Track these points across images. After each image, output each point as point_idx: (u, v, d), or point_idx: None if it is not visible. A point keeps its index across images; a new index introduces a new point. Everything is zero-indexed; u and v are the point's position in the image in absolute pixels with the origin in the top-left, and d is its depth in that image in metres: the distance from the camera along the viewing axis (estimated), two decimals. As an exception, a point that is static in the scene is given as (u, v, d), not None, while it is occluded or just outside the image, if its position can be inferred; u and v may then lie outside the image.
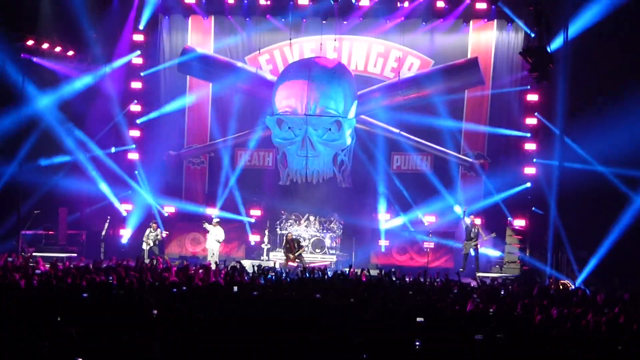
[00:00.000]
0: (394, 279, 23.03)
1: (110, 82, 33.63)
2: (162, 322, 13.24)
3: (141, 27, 34.18)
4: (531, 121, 32.20)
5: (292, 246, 30.29)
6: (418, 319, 14.55)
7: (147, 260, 28.01)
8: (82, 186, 32.49)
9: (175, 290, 18.06)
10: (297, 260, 29.89)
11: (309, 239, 32.35)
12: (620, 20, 28.35)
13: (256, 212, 33.82)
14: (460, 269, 28.10)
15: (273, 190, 34.31)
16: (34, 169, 31.31)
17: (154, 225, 31.35)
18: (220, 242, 30.92)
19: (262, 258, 32.00)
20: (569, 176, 28.83)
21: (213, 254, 30.50)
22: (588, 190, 29.62)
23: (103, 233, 32.02)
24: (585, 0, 28.19)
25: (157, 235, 31.09)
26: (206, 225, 31.02)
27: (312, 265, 29.06)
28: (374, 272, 25.30)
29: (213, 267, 24.73)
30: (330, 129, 32.80)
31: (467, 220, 30.59)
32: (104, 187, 33.03)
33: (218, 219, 31.32)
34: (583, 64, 29.12)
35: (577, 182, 29.21)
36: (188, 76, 34.98)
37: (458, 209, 31.86)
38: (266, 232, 32.66)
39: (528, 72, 27.69)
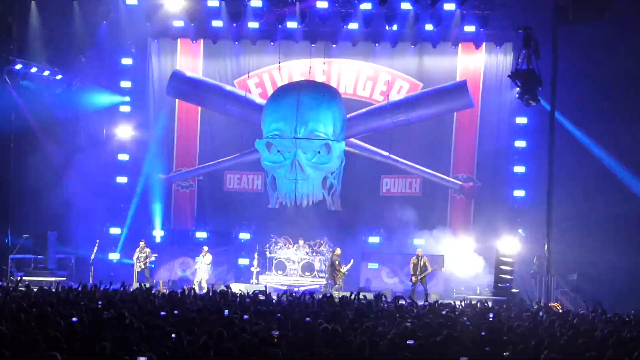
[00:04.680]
0: (383, 301, 22.91)
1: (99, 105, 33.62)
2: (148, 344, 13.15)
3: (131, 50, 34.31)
4: (520, 144, 32.47)
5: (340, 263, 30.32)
6: (408, 342, 14.47)
7: (136, 284, 27.74)
8: (72, 210, 32.36)
9: (163, 313, 17.88)
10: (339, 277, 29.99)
11: (299, 262, 32.20)
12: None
13: (245, 236, 33.77)
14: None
15: (262, 213, 34.22)
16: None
17: (142, 243, 31.06)
18: (209, 265, 30.77)
19: (251, 281, 31.83)
20: (559, 197, 29.00)
21: (201, 279, 30.32)
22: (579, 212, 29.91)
23: (92, 257, 31.64)
24: (573, 23, 28.31)
25: (146, 256, 30.88)
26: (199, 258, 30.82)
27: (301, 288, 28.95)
28: (363, 295, 25.14)
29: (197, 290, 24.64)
30: (319, 152, 32.82)
31: (414, 260, 29.85)
32: None
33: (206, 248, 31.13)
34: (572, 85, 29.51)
35: (568, 203, 29.46)
36: (177, 99, 34.96)
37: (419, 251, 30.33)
38: (255, 255, 32.47)
39: (517, 94, 27.70)
